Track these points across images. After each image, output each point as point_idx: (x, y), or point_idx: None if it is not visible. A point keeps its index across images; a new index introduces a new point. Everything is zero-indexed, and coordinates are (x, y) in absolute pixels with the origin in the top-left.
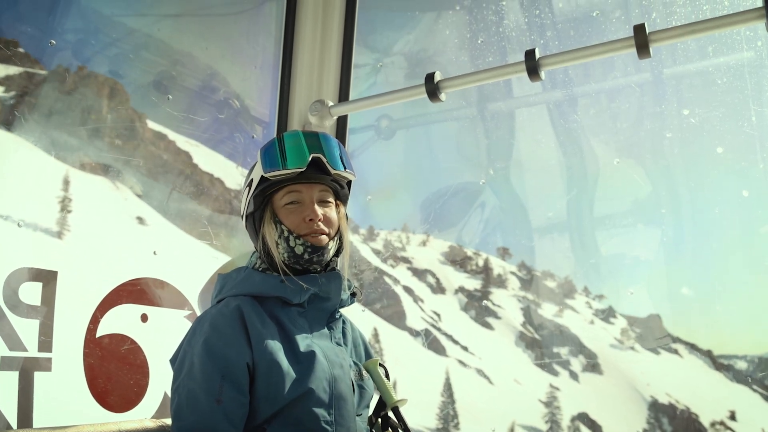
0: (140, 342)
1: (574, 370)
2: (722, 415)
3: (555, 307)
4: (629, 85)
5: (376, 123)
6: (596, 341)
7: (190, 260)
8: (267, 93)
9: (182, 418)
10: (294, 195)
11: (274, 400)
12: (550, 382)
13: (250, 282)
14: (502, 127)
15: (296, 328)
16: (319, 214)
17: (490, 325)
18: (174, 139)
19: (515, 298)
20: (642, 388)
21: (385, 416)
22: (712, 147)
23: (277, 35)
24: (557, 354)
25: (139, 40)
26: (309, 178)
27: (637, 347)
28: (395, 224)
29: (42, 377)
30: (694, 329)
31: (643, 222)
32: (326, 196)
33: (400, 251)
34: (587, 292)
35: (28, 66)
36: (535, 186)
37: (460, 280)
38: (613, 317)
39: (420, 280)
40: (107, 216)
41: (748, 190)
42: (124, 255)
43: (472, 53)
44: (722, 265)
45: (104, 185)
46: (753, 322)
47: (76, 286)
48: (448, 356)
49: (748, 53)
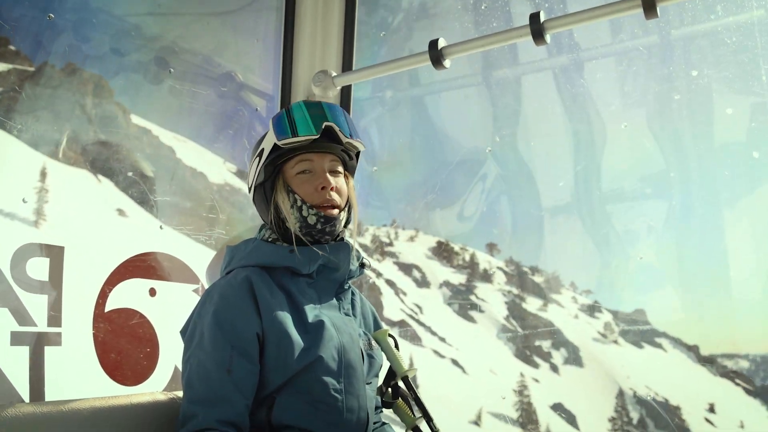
0: (149, 316)
1: (555, 363)
2: (702, 408)
3: (539, 301)
4: (637, 47)
5: (381, 94)
6: (579, 334)
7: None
8: (269, 66)
9: (193, 388)
10: (306, 164)
11: (283, 369)
12: (527, 373)
13: (259, 253)
14: (507, 94)
15: (305, 299)
16: (331, 182)
17: (472, 318)
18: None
19: (500, 293)
20: (622, 381)
21: (395, 385)
22: (722, 108)
23: (278, 6)
24: (539, 347)
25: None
26: (321, 147)
27: (621, 341)
28: (399, 195)
29: (52, 351)
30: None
31: (652, 188)
32: (336, 166)
33: (388, 246)
34: (574, 287)
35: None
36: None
37: (446, 274)
38: (599, 312)
39: (405, 275)
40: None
41: (758, 151)
42: (131, 230)
43: (476, 19)
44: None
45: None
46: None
47: (83, 262)
48: (424, 346)
49: (758, 11)
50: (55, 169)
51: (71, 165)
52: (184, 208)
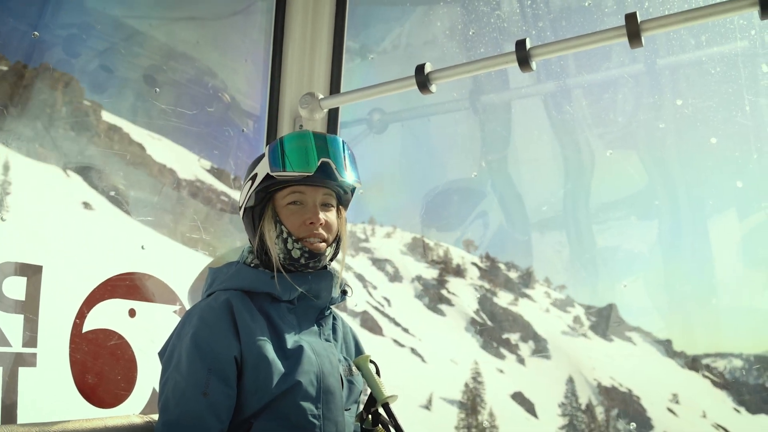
0: (128, 337)
1: (522, 355)
2: (665, 398)
3: (511, 295)
4: (623, 75)
5: (368, 117)
6: (549, 327)
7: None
8: (257, 86)
9: (168, 411)
10: (297, 195)
11: (261, 393)
12: (493, 364)
13: (241, 277)
14: (496, 119)
15: (285, 325)
16: (321, 218)
17: (441, 311)
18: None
19: (472, 287)
20: (587, 372)
21: (376, 412)
22: (706, 137)
23: (267, 28)
24: (506, 339)
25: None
26: (315, 182)
27: (590, 334)
28: (387, 218)
29: (27, 373)
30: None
31: (637, 215)
32: (329, 200)
33: (363, 242)
34: (548, 283)
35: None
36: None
37: (419, 269)
38: (571, 306)
39: (378, 269)
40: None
41: (742, 180)
42: (111, 250)
43: (464, 45)
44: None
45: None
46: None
47: (61, 281)
48: (384, 336)
49: (742, 42)
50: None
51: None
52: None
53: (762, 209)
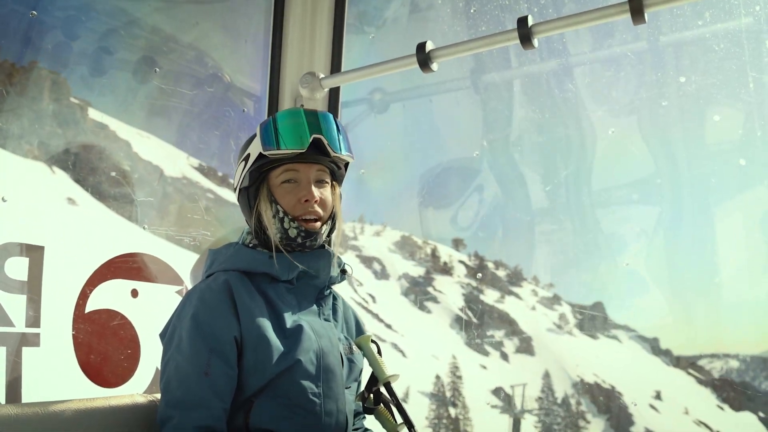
0: (131, 317)
1: (506, 351)
2: (648, 395)
3: (498, 293)
4: (625, 53)
5: (370, 96)
6: (534, 325)
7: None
8: (258, 66)
9: (170, 391)
10: (291, 173)
11: (261, 373)
12: (477, 361)
13: (240, 257)
14: (497, 98)
15: (284, 305)
16: (315, 195)
17: (427, 308)
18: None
19: (459, 285)
20: (570, 369)
21: (377, 391)
22: (709, 115)
23: (267, 7)
24: (491, 336)
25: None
26: (307, 159)
27: (575, 332)
28: (386, 197)
29: (30, 352)
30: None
31: (640, 194)
32: (323, 176)
33: (352, 240)
34: (536, 281)
35: None
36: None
37: (407, 267)
38: (558, 304)
39: (366, 267)
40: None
41: (745, 158)
42: (113, 230)
43: (467, 23)
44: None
45: None
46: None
47: (63, 261)
48: (366, 331)
49: (746, 19)
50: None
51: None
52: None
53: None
